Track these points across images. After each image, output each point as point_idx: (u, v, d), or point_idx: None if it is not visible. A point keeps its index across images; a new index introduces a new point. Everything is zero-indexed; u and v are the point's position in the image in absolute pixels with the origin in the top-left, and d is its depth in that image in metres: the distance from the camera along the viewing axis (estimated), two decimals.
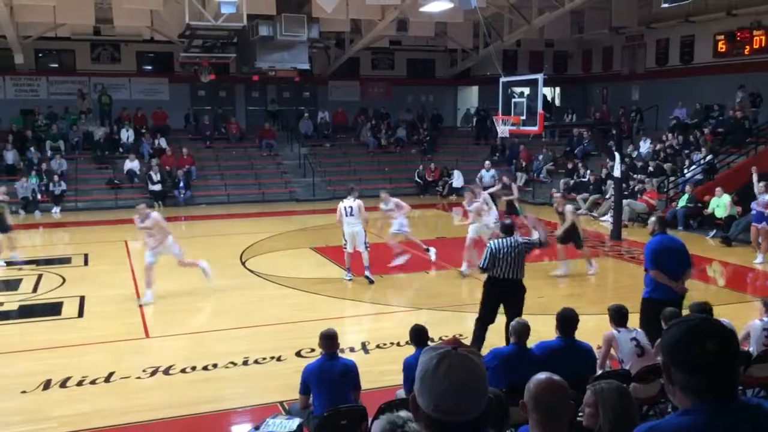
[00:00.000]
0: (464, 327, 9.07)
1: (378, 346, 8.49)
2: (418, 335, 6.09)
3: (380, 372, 7.42)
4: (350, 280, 11.77)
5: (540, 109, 13.98)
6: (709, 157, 18.63)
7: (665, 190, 18.51)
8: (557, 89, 29.03)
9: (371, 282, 11.62)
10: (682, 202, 16.94)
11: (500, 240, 7.90)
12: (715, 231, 15.63)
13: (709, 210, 15.88)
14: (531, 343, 5.91)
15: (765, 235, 13.44)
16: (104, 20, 19.58)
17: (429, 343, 6.17)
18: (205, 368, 7.76)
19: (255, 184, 23.62)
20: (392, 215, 12.70)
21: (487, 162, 20.66)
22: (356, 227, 11.44)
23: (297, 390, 5.74)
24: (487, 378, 1.84)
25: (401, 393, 6.03)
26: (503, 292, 7.91)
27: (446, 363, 1.79)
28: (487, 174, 20.12)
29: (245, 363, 7.93)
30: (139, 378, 7.50)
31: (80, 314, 10.12)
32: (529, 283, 8.08)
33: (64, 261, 13.82)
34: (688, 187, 17.16)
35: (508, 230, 8.05)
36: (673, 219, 16.65)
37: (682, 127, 21.22)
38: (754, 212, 13.76)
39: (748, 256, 13.65)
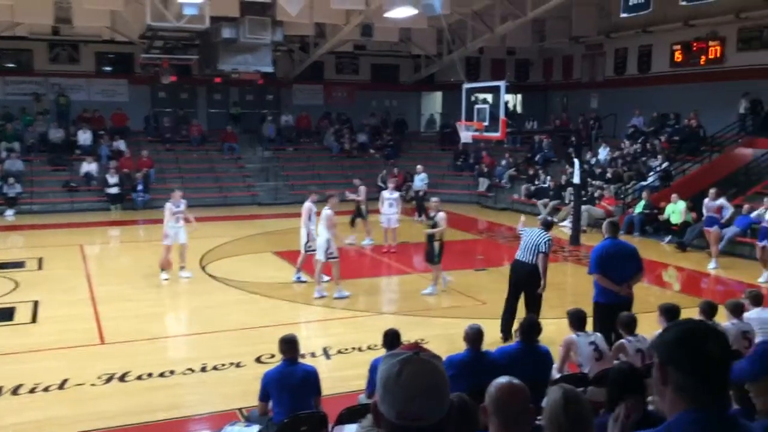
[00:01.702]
0: (427, 332, 9.11)
1: (340, 351, 8.45)
2: (393, 339, 6.06)
3: (342, 377, 7.39)
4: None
5: (502, 116, 14.13)
6: (665, 165, 19.02)
7: (622, 196, 18.85)
8: (519, 96, 29.35)
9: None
10: (639, 208, 17.27)
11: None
12: (670, 237, 15.96)
13: (665, 216, 16.22)
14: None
15: (716, 239, 13.79)
16: (63, 20, 19.15)
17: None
18: (162, 375, 7.63)
19: (216, 187, 23.37)
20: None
21: (419, 166, 20.74)
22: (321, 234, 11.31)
23: (256, 396, 5.67)
24: (448, 382, 1.82)
25: (363, 398, 6.01)
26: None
27: (408, 369, 1.76)
28: (418, 178, 20.28)
29: (203, 369, 7.82)
30: (93, 385, 7.34)
31: (34, 319, 9.87)
32: (490, 286, 8.14)
33: (18, 265, 13.44)
34: (644, 194, 17.49)
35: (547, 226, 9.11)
36: (630, 225, 16.99)
37: (640, 135, 21.64)
38: (705, 217, 14.12)
39: (703, 261, 13.97)
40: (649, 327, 6.52)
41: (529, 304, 8.85)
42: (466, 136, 15.27)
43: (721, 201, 14.17)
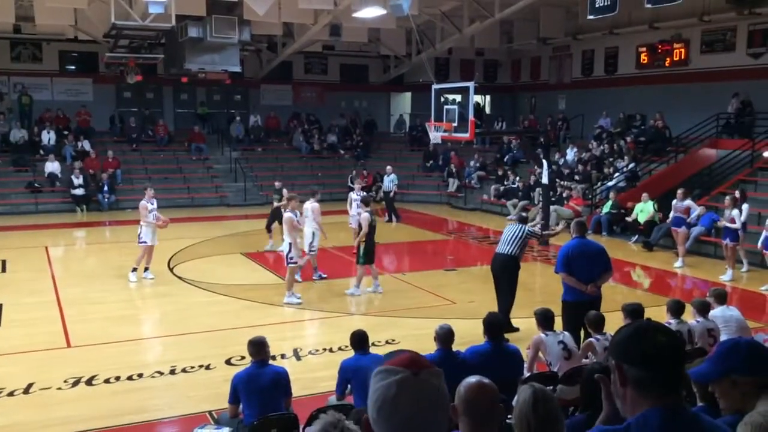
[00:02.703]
0: (396, 332, 9.12)
1: (310, 353, 8.43)
2: (360, 340, 6.05)
3: (313, 378, 7.37)
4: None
5: (471, 117, 14.20)
6: (631, 165, 19.31)
7: (590, 196, 19.09)
8: (488, 97, 29.56)
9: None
10: (606, 208, 17.50)
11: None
12: (637, 236, 16.19)
13: (634, 214, 16.42)
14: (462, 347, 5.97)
15: (683, 239, 14.03)
16: (25, 18, 18.83)
17: (370, 349, 6.15)
18: (130, 378, 7.52)
19: (184, 188, 23.11)
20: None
21: (389, 167, 20.81)
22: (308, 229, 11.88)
23: (226, 399, 5.63)
24: (449, 403, 1.71)
25: (333, 399, 6.00)
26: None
27: (406, 393, 1.62)
28: (387, 179, 20.32)
29: (172, 372, 7.73)
30: (60, 389, 7.21)
31: None
32: (459, 287, 8.18)
33: None
34: (611, 194, 17.73)
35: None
36: (598, 224, 17.21)
37: (607, 136, 21.93)
38: (672, 217, 14.36)
39: (669, 261, 14.21)
40: (617, 325, 6.58)
41: (499, 293, 9.08)
42: (435, 136, 15.32)
43: (689, 202, 14.42)
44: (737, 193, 13.36)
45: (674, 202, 14.44)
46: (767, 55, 18.55)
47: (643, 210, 16.21)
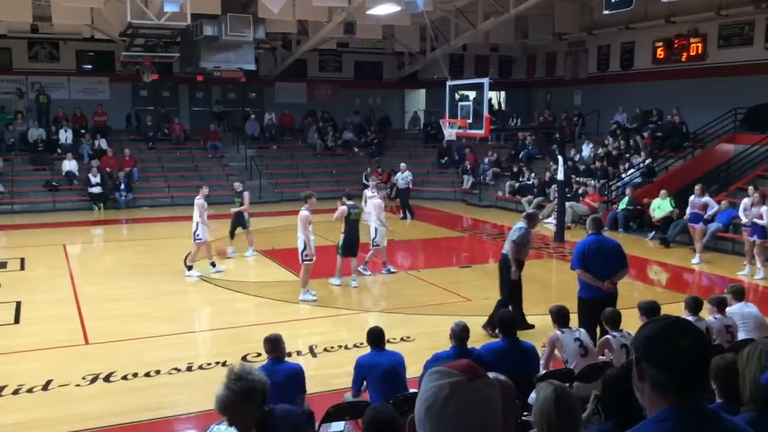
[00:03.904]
0: (413, 329, 9.12)
1: (326, 350, 8.44)
2: (376, 337, 6.06)
3: (329, 375, 7.39)
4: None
5: (486, 113, 14.15)
6: (648, 161, 19.17)
7: (606, 192, 18.97)
8: (502, 93, 29.44)
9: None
10: (623, 204, 17.38)
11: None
12: (654, 232, 16.08)
13: (651, 210, 16.28)
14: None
15: (701, 235, 13.92)
16: (42, 18, 18.98)
17: (386, 346, 6.17)
18: (147, 375, 7.58)
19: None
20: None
21: (403, 164, 20.82)
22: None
23: None
24: (500, 412, 1.65)
25: (349, 396, 6.02)
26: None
27: (459, 397, 1.58)
28: (401, 176, 20.32)
29: (189, 369, 7.78)
30: (78, 386, 7.27)
31: (16, 320, 9.76)
32: (474, 283, 8.17)
33: (0, 265, 13.32)
34: (628, 190, 17.60)
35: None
36: (614, 221, 17.10)
37: (623, 132, 21.78)
38: (689, 214, 14.24)
39: (686, 257, 14.10)
40: (634, 322, 6.55)
41: (501, 290, 9.20)
42: (450, 133, 15.29)
43: (707, 198, 14.29)
44: (750, 189, 13.24)
45: (691, 198, 14.31)
46: None
47: (660, 206, 16.08)
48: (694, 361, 1.85)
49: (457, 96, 15.02)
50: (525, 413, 4.38)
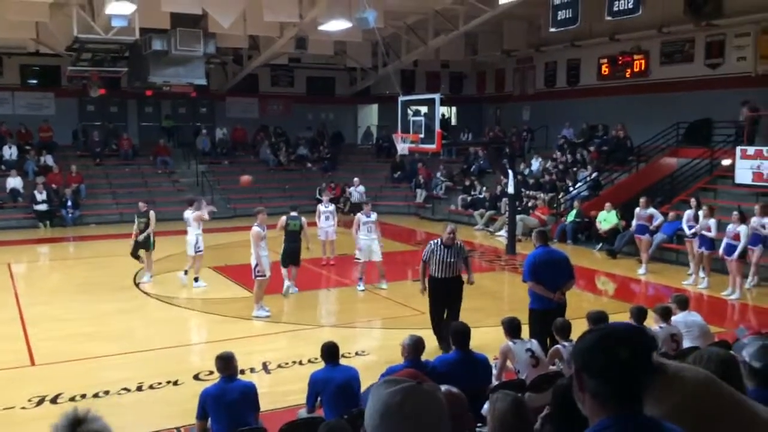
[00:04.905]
0: (367, 344, 9.13)
1: (280, 366, 8.38)
2: (330, 352, 6.05)
3: (283, 392, 7.34)
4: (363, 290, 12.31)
5: (438, 128, 14.32)
6: (594, 175, 19.62)
7: (555, 205, 19.34)
8: (454, 109, 29.81)
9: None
10: (571, 217, 17.75)
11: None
12: (601, 244, 16.44)
13: (598, 222, 16.66)
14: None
15: (646, 246, 14.29)
16: None
17: (340, 361, 6.16)
18: (96, 395, 7.40)
19: (149, 202, 22.74)
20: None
21: (356, 179, 20.93)
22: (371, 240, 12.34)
23: (195, 415, 5.58)
24: (448, 416, 1.71)
25: (303, 413, 5.99)
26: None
27: (412, 401, 1.64)
28: (356, 190, 20.42)
29: (139, 389, 7.63)
30: (24, 408, 7.06)
31: None
32: (428, 297, 8.23)
33: None
34: (575, 203, 17.99)
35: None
36: (563, 233, 17.45)
37: (570, 146, 22.26)
38: (635, 225, 14.62)
39: (633, 268, 14.45)
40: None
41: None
42: (402, 148, 15.41)
43: (652, 210, 14.69)
44: (693, 201, 13.72)
45: (637, 210, 14.70)
46: (725, 66, 19.04)
47: (606, 219, 16.47)
48: (632, 370, 1.82)
49: (409, 111, 15.15)
50: (479, 425, 4.43)
